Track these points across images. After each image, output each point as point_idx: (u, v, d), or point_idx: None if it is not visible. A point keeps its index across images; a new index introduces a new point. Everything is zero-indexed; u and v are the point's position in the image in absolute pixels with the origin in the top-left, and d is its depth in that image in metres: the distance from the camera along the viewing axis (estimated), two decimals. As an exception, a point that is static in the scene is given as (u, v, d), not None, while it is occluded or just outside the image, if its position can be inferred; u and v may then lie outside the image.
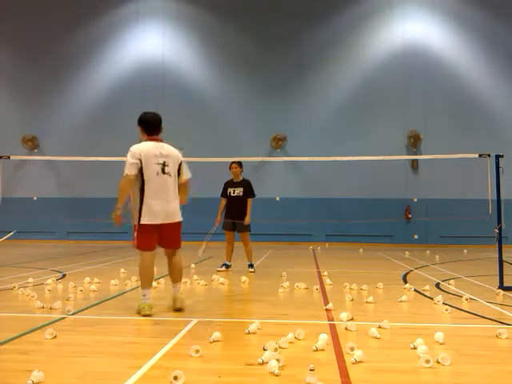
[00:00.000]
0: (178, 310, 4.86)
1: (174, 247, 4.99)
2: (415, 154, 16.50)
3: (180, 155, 4.98)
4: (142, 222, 4.72)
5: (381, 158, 10.46)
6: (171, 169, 4.80)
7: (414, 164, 16.82)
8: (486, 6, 17.17)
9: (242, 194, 8.28)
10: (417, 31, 17.43)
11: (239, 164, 8.41)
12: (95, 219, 16.82)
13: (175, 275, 5.02)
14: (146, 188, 4.70)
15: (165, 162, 4.75)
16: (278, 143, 17.14)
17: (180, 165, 4.93)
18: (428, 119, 16.86)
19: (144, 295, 4.73)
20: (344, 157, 11.18)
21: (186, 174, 5.02)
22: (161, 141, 4.94)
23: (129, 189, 4.72)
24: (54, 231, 17.33)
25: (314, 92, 17.40)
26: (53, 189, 17.64)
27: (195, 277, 7.16)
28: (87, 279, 6.81)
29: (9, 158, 9.20)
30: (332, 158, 10.62)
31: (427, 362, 3.13)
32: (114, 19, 18.45)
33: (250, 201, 8.29)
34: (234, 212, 8.25)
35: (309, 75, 17.44)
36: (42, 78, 18.20)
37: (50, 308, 4.86)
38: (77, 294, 5.83)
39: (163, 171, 4.73)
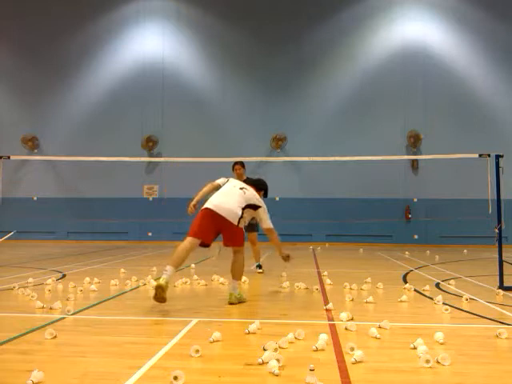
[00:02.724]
0: (231, 303, 5.27)
1: (232, 245, 5.46)
2: (415, 154, 16.50)
3: (257, 200, 5.55)
4: (204, 205, 5.30)
5: (381, 157, 10.47)
6: (246, 191, 5.46)
7: (414, 164, 16.83)
8: (486, 6, 17.18)
9: None
10: (417, 31, 17.44)
11: (242, 165, 8.32)
12: (95, 219, 16.84)
13: (232, 272, 5.49)
14: (220, 190, 5.43)
15: (244, 187, 5.51)
16: (278, 143, 17.15)
17: (255, 206, 5.49)
18: (428, 119, 16.86)
19: (166, 270, 4.94)
20: (344, 157, 11.17)
21: (265, 222, 5.65)
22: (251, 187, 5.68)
23: (209, 189, 5.47)
24: (54, 231, 17.34)
25: (313, 92, 17.40)
26: (53, 189, 17.65)
27: (195, 277, 7.15)
28: (87, 279, 6.81)
29: (9, 158, 9.19)
30: (332, 158, 10.59)
31: (427, 361, 3.13)
32: (114, 19, 18.46)
33: None
34: None
35: (309, 75, 17.44)
36: (42, 78, 18.21)
37: (50, 308, 4.86)
38: (77, 293, 5.82)
39: (240, 188, 5.47)
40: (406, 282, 7.09)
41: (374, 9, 17.67)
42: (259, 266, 8.34)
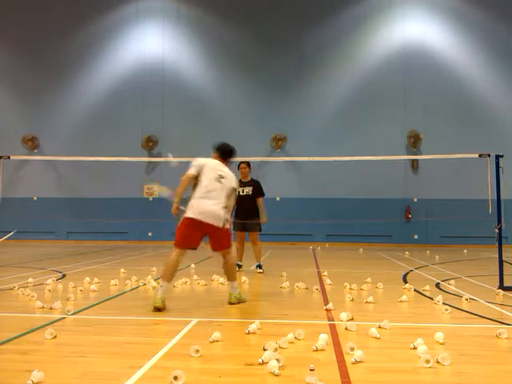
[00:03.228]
0: (232, 303, 5.32)
1: (219, 249, 5.40)
2: (415, 154, 16.50)
3: (234, 182, 5.47)
4: (187, 215, 5.18)
5: (381, 157, 10.47)
6: (225, 181, 5.33)
7: (414, 164, 16.83)
8: (486, 6, 17.18)
9: (251, 192, 8.25)
10: (417, 31, 17.43)
11: (248, 164, 8.38)
12: (95, 219, 16.83)
13: (226, 274, 5.51)
14: (199, 187, 5.28)
15: (221, 175, 5.34)
16: (278, 143, 17.15)
17: (231, 189, 5.39)
18: (428, 119, 16.86)
19: (161, 286, 4.99)
20: (344, 157, 11.18)
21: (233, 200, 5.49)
22: (226, 165, 5.57)
23: (185, 183, 5.32)
24: (54, 231, 17.34)
25: (313, 92, 17.40)
26: (53, 189, 17.65)
27: (195, 277, 7.15)
28: (87, 279, 6.81)
29: (9, 158, 9.19)
30: (332, 158, 10.61)
31: (427, 362, 3.13)
32: (114, 19, 18.46)
33: (260, 200, 8.29)
34: (244, 211, 8.18)
35: (309, 75, 17.44)
36: (42, 78, 18.21)
37: (50, 308, 4.86)
38: (77, 293, 5.82)
39: (218, 180, 5.30)
40: (405, 282, 7.09)
41: (374, 9, 17.67)
42: (259, 266, 8.35)
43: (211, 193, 5.22)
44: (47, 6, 18.46)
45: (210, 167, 5.39)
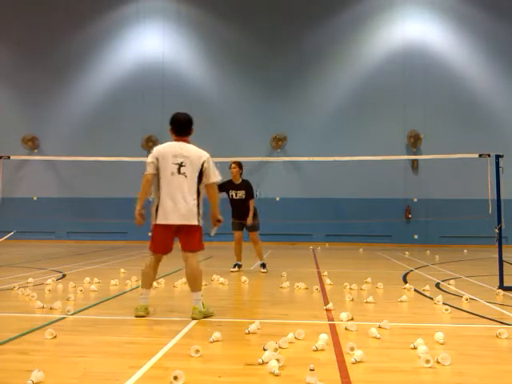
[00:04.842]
0: (197, 319, 4.57)
1: (184, 249, 4.75)
2: (415, 154, 16.50)
3: (205, 157, 4.73)
4: (157, 221, 4.67)
5: (381, 158, 10.47)
6: (187, 169, 4.65)
7: (414, 164, 16.82)
8: (486, 6, 17.17)
9: (244, 196, 8.17)
10: (417, 31, 17.43)
11: (239, 164, 8.16)
12: (95, 219, 16.84)
13: (188, 282, 4.81)
14: (161, 188, 4.66)
15: (182, 163, 4.65)
16: (278, 143, 17.15)
17: (203, 166, 4.69)
18: (428, 119, 16.86)
19: (141, 294, 4.74)
20: (344, 157, 11.18)
21: (211, 177, 4.71)
22: (186, 142, 4.84)
23: (146, 187, 4.69)
24: (54, 231, 17.34)
25: (313, 92, 17.40)
26: (53, 189, 17.64)
27: (195, 277, 7.14)
28: (87, 279, 6.81)
29: (9, 158, 9.20)
30: (332, 158, 10.61)
31: (427, 362, 3.13)
32: (114, 19, 18.46)
33: (251, 202, 8.21)
34: (240, 214, 8.18)
35: (309, 75, 17.44)
36: (42, 77, 18.20)
37: (50, 308, 4.86)
38: (77, 293, 5.82)
39: (179, 171, 4.64)
40: (405, 282, 7.09)
41: (374, 9, 17.66)
42: (263, 265, 8.34)
43: (173, 188, 4.59)
44: (47, 6, 18.44)
45: (166, 157, 4.65)
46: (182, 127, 4.85)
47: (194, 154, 4.70)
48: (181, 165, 4.64)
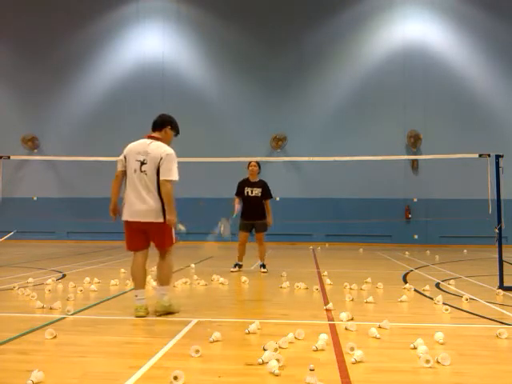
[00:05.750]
0: (159, 315, 4.61)
1: (156, 246, 4.82)
2: (415, 154, 16.49)
3: (164, 153, 4.65)
4: (123, 218, 4.74)
5: (381, 158, 10.47)
6: (148, 167, 4.64)
7: (414, 164, 16.82)
8: (486, 6, 17.17)
9: (260, 194, 8.23)
10: (417, 31, 17.42)
11: (258, 164, 8.39)
12: (95, 219, 16.83)
13: (157, 276, 4.93)
14: (126, 185, 4.76)
15: (144, 160, 4.67)
16: (278, 143, 17.14)
17: (160, 162, 4.61)
18: (428, 119, 16.85)
19: (136, 296, 4.71)
20: (344, 157, 11.18)
21: (165, 174, 4.60)
22: (155, 139, 4.89)
23: (114, 185, 4.81)
24: (54, 231, 17.33)
25: (314, 92, 17.39)
26: (53, 189, 17.64)
27: (195, 277, 7.15)
28: (87, 279, 6.81)
29: (9, 157, 9.21)
30: (332, 158, 10.62)
31: (427, 362, 3.13)
32: (114, 19, 18.45)
33: (268, 202, 8.30)
34: (252, 212, 8.18)
35: (309, 75, 17.43)
36: (42, 77, 18.19)
37: (50, 308, 4.86)
38: (77, 293, 5.83)
39: (140, 169, 4.66)
40: (405, 282, 7.09)
41: (374, 9, 17.65)
42: (263, 266, 8.35)
43: (137, 185, 4.61)
44: (47, 6, 18.43)
45: (131, 155, 4.74)
46: (154, 124, 5.07)
47: (155, 151, 4.70)
48: (143, 162, 4.67)
